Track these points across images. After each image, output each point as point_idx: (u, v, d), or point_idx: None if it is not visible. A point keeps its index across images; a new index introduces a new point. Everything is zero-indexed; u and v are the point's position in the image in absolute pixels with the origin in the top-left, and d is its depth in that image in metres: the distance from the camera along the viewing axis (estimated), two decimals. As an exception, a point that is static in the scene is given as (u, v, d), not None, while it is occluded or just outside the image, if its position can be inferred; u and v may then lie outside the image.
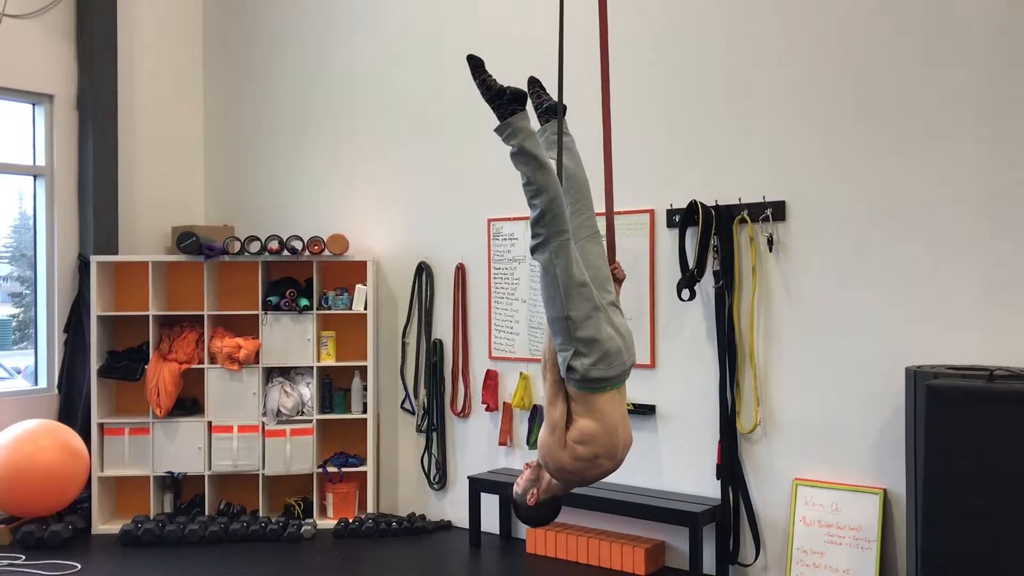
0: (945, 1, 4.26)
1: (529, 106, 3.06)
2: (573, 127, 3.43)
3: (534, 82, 3.45)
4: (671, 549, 5.12)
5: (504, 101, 2.96)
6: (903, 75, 4.39)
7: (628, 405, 5.17)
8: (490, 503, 5.70)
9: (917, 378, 3.89)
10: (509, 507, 5.73)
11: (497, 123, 2.97)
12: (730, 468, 4.87)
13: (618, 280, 3.18)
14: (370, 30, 6.40)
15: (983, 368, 3.86)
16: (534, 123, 3.15)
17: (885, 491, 4.43)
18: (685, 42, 5.06)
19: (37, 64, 6.28)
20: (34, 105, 6.37)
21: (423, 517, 6.03)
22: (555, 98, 3.26)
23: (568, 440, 2.93)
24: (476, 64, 3.12)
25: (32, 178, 6.38)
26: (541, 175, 2.89)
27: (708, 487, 4.97)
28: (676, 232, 4.99)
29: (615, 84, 5.24)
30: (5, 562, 5.19)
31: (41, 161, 6.37)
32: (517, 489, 3.16)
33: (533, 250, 2.92)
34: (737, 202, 4.85)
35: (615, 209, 3.50)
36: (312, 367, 6.11)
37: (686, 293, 4.90)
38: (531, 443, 5.60)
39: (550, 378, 2.99)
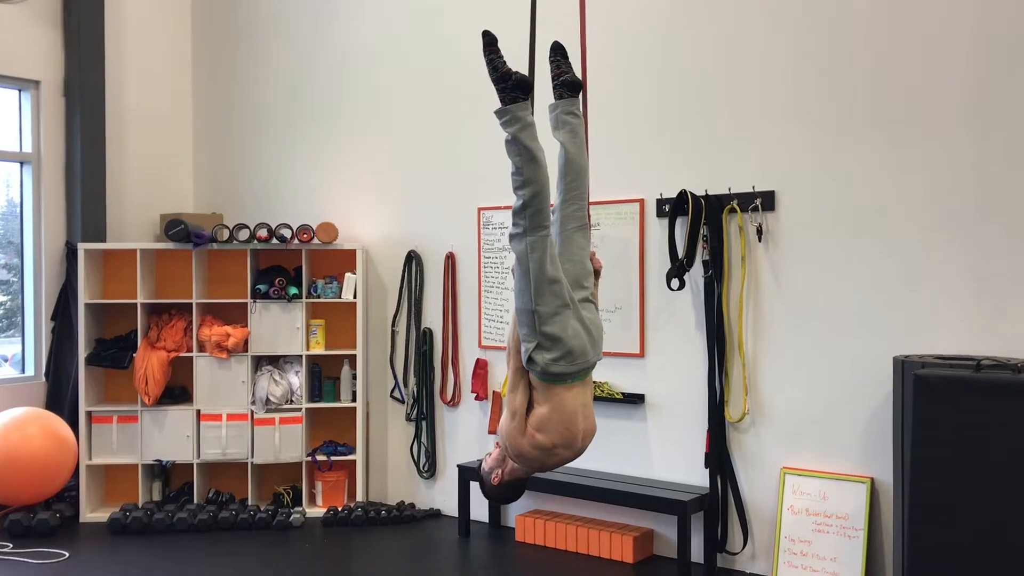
0: (935, -9, 4.27)
1: (545, 80, 2.91)
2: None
3: (557, 49, 3.24)
4: (659, 537, 5.15)
5: (508, 86, 2.90)
6: (893, 67, 4.39)
7: (616, 394, 5.20)
8: (479, 492, 5.69)
9: (905, 368, 3.91)
10: (498, 495, 5.74)
11: (499, 104, 2.91)
12: (718, 457, 4.88)
13: (595, 272, 3.16)
14: (361, 17, 6.37)
15: (970, 358, 3.88)
16: (544, 101, 3.09)
17: (872, 480, 4.45)
18: (676, 31, 5.05)
19: (23, 50, 6.23)
20: (20, 91, 6.32)
21: (412, 505, 6.04)
22: (576, 72, 3.15)
23: (528, 427, 2.93)
24: (489, 41, 3.02)
25: (19, 165, 6.34)
26: (530, 168, 2.87)
27: (697, 476, 4.99)
28: (666, 222, 4.99)
29: (607, 73, 5.25)
30: (-8, 550, 5.19)
31: (28, 148, 6.33)
32: (484, 467, 3.22)
33: (511, 238, 2.90)
34: (727, 192, 4.85)
35: (605, 199, 3.48)
36: (301, 356, 6.09)
37: (675, 283, 4.90)
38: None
39: (513, 364, 2.98)
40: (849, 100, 4.52)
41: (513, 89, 2.90)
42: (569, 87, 3.21)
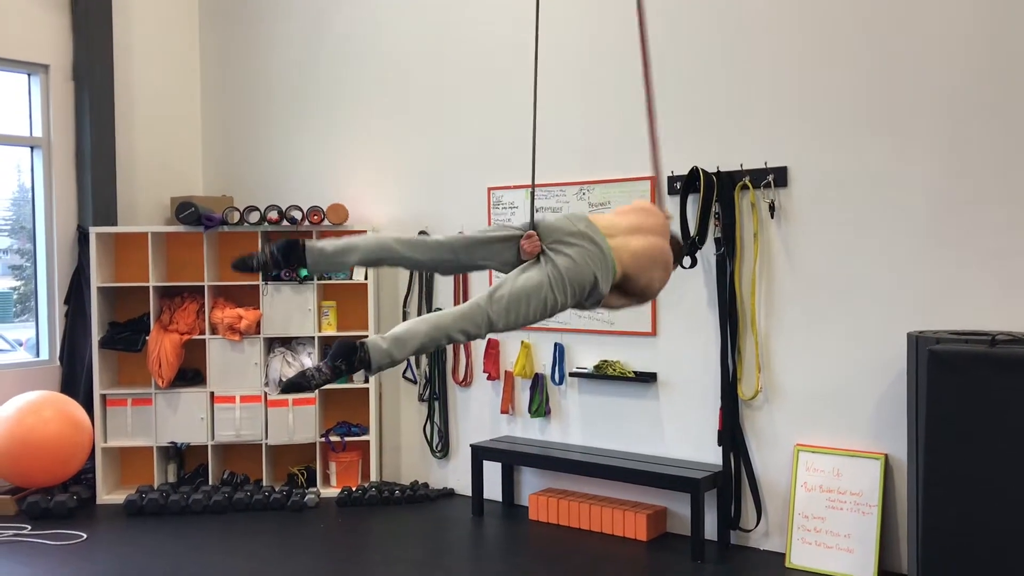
0: (950, -38, 4.21)
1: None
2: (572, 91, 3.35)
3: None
4: (673, 515, 5.15)
5: (349, 365, 2.93)
6: (906, 41, 4.34)
7: (629, 373, 5.20)
8: (493, 471, 5.72)
9: (919, 343, 3.88)
10: (511, 474, 5.76)
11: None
12: (731, 434, 4.88)
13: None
14: (367, -3, 6.34)
15: (985, 333, 3.85)
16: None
17: (886, 456, 4.44)
18: (687, 8, 5.00)
19: (32, 34, 6.22)
20: (29, 75, 6.32)
21: (426, 485, 6.06)
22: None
23: (643, 287, 3.36)
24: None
25: (29, 149, 6.35)
26: (428, 343, 2.98)
27: (709, 453, 4.99)
28: (678, 199, 4.96)
29: (617, 51, 5.21)
30: (11, 532, 5.22)
31: (38, 132, 6.34)
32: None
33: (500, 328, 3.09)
34: (739, 168, 4.82)
35: (616, 177, 3.48)
36: (313, 337, 6.10)
37: (687, 260, 4.88)
38: (532, 411, 5.61)
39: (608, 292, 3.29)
40: (863, 76, 4.47)
41: (353, 365, 2.93)
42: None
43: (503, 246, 3.25)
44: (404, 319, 6.22)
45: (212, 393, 6.05)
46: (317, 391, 6.04)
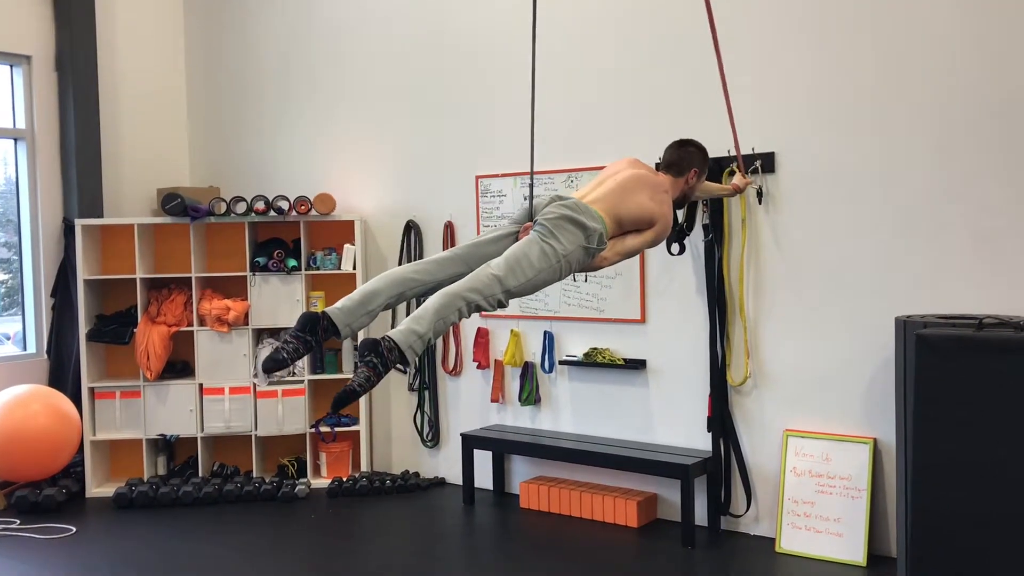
0: (936, -54, 4.20)
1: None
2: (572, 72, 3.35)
3: (309, 324, 2.97)
4: (663, 501, 5.16)
5: (385, 364, 2.85)
6: (893, 23, 4.33)
7: (618, 360, 5.20)
8: (483, 459, 5.72)
9: (907, 328, 3.89)
10: (502, 462, 5.76)
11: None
12: (721, 420, 4.89)
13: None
14: (353, -15, 6.29)
15: (972, 317, 3.86)
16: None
17: (875, 440, 4.46)
18: (672, -8, 4.98)
19: (14, 24, 6.15)
20: (12, 66, 6.26)
21: (417, 474, 6.06)
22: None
23: (647, 234, 3.54)
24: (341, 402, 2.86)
25: (13, 141, 6.29)
26: (444, 323, 2.98)
27: (699, 440, 5.00)
28: (665, 186, 4.95)
29: (604, 35, 5.19)
30: (0, 526, 5.20)
31: (21, 124, 6.28)
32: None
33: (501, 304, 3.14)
34: (727, 154, 4.81)
35: (603, 165, 3.49)
36: (302, 328, 6.07)
37: (676, 247, 4.88)
38: (522, 400, 5.61)
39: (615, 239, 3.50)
40: (850, 61, 4.46)
41: (387, 364, 2.84)
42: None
43: (509, 240, 3.36)
44: (393, 309, 6.20)
45: (201, 385, 6.03)
46: (306, 382, 6.04)
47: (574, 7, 5.31)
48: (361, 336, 5.20)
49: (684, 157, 3.79)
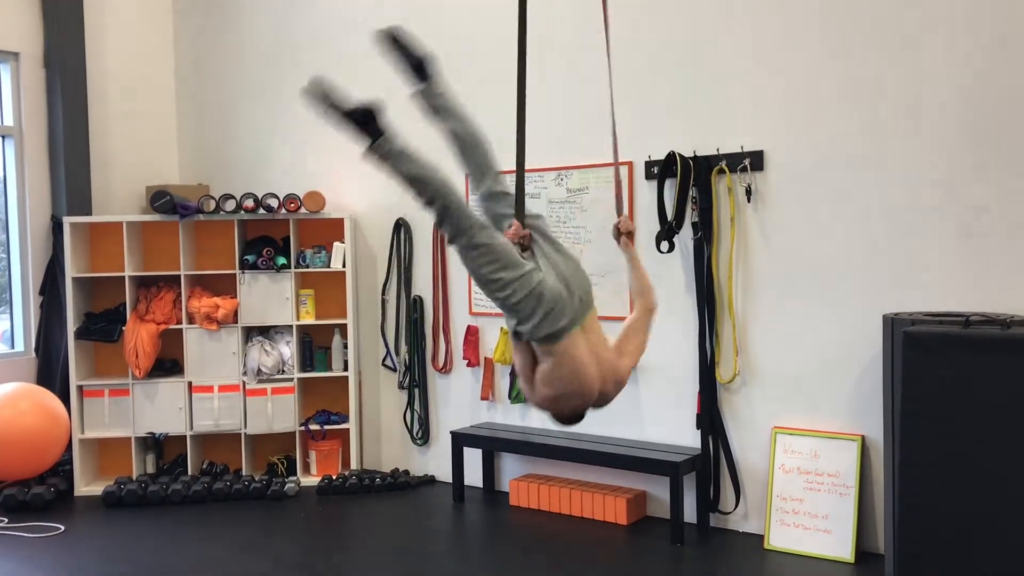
0: (923, -55, 4.22)
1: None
2: (544, 78, 3.36)
3: (393, 38, 3.17)
4: (652, 499, 5.18)
5: (357, 122, 2.88)
6: (879, 21, 4.35)
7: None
8: (473, 457, 5.72)
9: (894, 325, 3.91)
10: (492, 460, 5.77)
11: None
12: (710, 418, 4.90)
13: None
14: (342, -18, 6.28)
15: (959, 314, 3.88)
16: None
17: (863, 438, 4.48)
18: (662, -10, 4.99)
19: (1, 21, 6.12)
20: None
21: (406, 472, 6.06)
22: (424, 49, 3.05)
23: (536, 382, 2.99)
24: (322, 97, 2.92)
25: (1, 138, 6.26)
26: (427, 188, 2.89)
27: (688, 437, 5.01)
28: (655, 184, 4.97)
29: (592, 34, 5.19)
30: (-12, 525, 5.19)
31: (9, 121, 6.25)
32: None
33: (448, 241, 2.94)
34: (716, 152, 4.82)
35: (592, 162, 3.48)
36: (292, 326, 6.08)
37: (665, 245, 4.89)
38: (512, 397, 5.61)
39: (508, 330, 3.07)
40: (838, 59, 4.48)
41: (364, 124, 2.92)
42: (418, 72, 3.10)
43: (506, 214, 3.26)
44: (383, 307, 6.21)
45: (190, 383, 6.02)
46: (296, 380, 6.03)
47: (572, 7, 5.31)
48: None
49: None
